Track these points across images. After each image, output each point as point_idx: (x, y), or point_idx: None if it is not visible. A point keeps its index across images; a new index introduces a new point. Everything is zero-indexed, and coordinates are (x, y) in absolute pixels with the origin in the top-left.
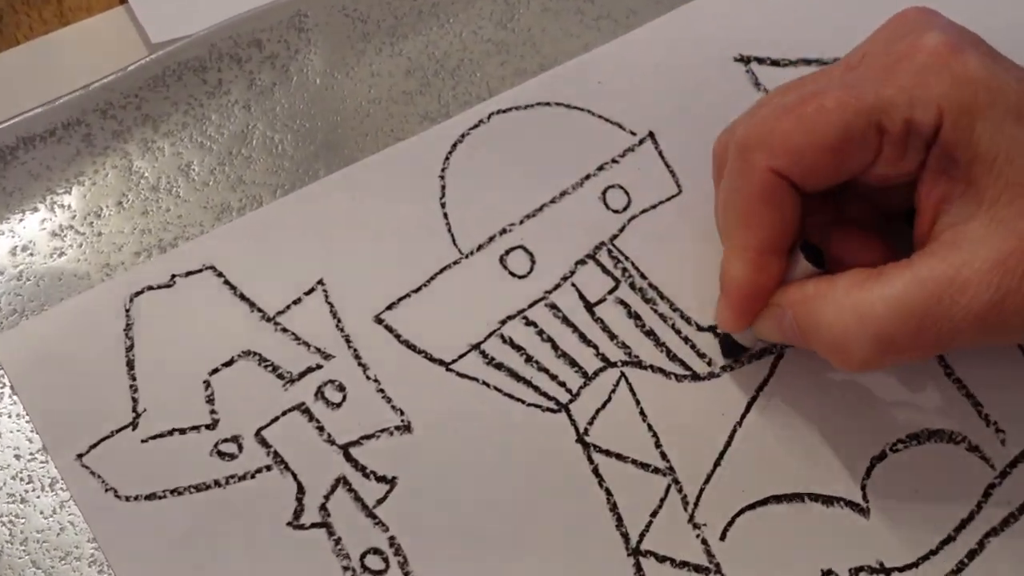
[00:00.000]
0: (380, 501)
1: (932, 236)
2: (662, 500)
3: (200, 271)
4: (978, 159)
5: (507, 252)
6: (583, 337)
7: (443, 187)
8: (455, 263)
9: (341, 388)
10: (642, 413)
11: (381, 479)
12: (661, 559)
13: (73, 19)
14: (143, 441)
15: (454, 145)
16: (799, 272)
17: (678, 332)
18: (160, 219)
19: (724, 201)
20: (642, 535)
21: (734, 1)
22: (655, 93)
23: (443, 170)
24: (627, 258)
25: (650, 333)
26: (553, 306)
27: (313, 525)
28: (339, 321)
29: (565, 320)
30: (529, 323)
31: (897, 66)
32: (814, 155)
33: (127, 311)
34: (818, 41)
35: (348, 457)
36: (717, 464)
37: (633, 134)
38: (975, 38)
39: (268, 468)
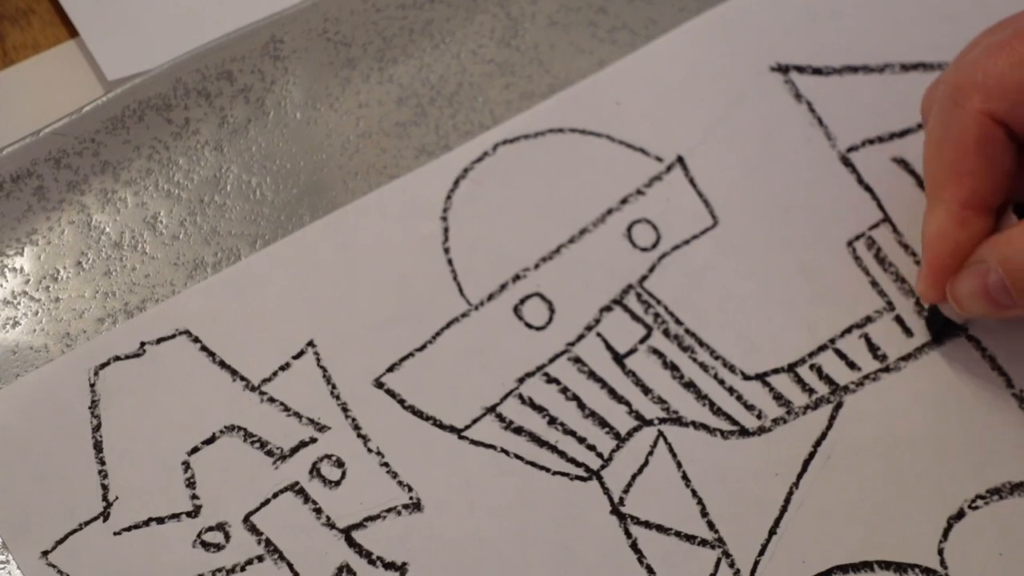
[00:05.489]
0: None
1: None
2: None
3: (173, 337)
4: None
5: (522, 301)
6: (613, 393)
7: (445, 230)
8: (463, 316)
9: (339, 463)
10: (684, 477)
11: (389, 566)
12: None
13: (18, 58)
14: (116, 533)
15: (456, 181)
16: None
17: (721, 382)
18: (125, 280)
19: (931, 150)
20: None
21: (767, 3)
22: (682, 112)
23: (445, 210)
24: (659, 302)
25: (689, 385)
26: (577, 360)
27: None
28: (334, 387)
29: (592, 375)
30: (551, 380)
31: None
32: None
33: (92, 386)
34: (865, 44)
35: (351, 542)
36: (772, 533)
37: (659, 160)
38: None
39: (260, 559)
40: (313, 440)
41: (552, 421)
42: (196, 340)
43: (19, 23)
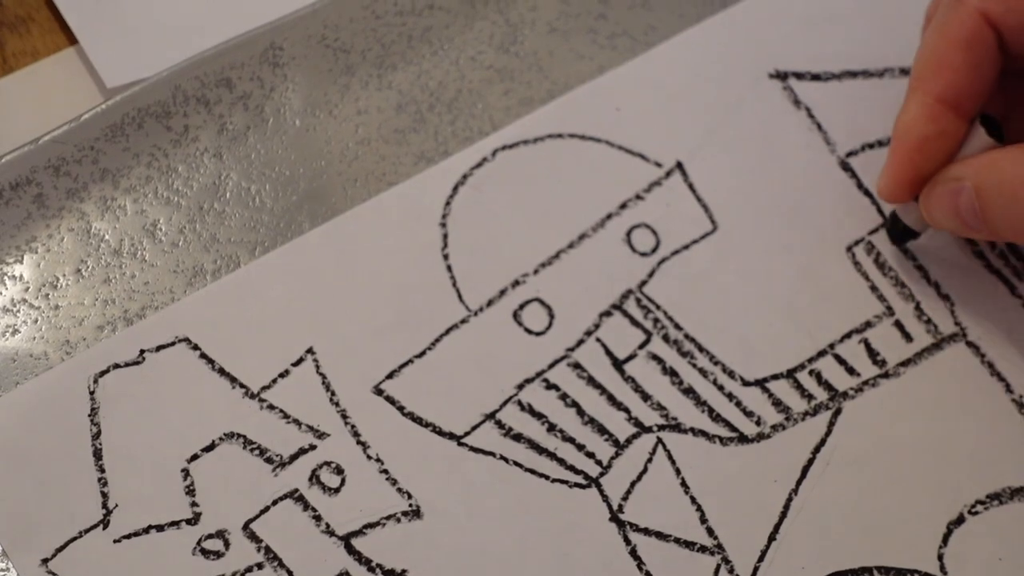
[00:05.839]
0: None
1: None
2: None
3: (172, 344)
4: None
5: (521, 307)
6: (612, 399)
7: (445, 236)
8: (462, 322)
9: (339, 471)
10: (684, 484)
11: (389, 573)
12: None
13: (17, 65)
14: (116, 541)
15: (455, 188)
16: (975, 147)
17: (721, 389)
18: (125, 287)
19: (923, 45)
20: None
21: (767, 10)
22: (681, 118)
23: (444, 217)
24: (659, 307)
25: (689, 391)
26: (577, 365)
27: None
28: (333, 394)
29: (591, 381)
30: (550, 386)
31: None
32: None
33: (91, 393)
34: (863, 50)
35: (350, 549)
36: (772, 539)
37: (659, 165)
38: None
39: (260, 566)
40: (312, 447)
41: (551, 428)
42: (195, 347)
43: (18, 30)
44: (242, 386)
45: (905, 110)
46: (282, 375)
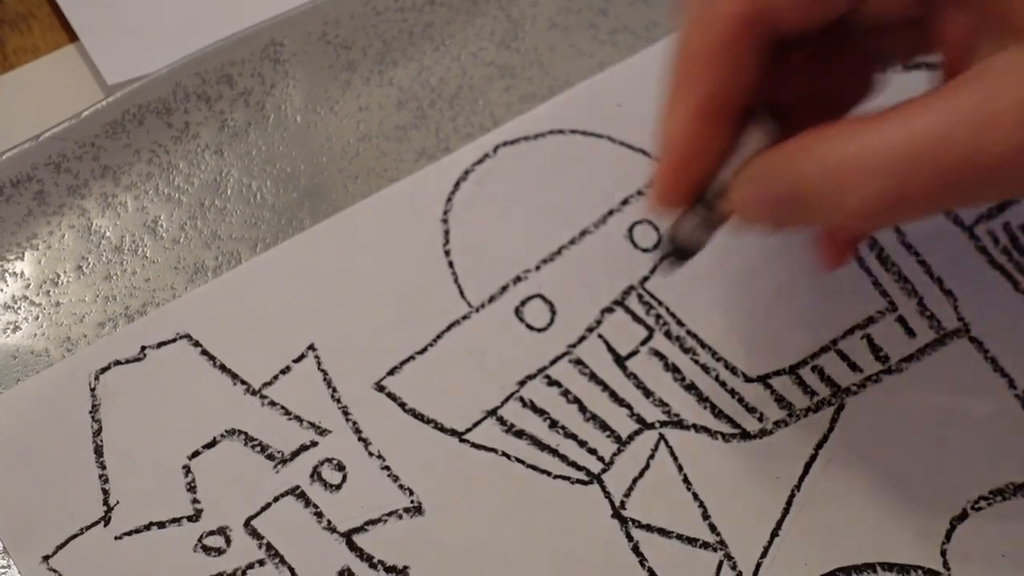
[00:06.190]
0: None
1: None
2: None
3: (174, 341)
4: None
5: (523, 303)
6: (614, 396)
7: (446, 232)
8: (464, 318)
9: (340, 467)
10: (686, 480)
11: (391, 569)
12: None
13: (18, 62)
14: (117, 538)
15: (456, 184)
16: (755, 140)
17: (723, 385)
18: (126, 284)
19: (678, 50)
20: None
21: None
22: None
23: (445, 213)
24: (660, 303)
25: (691, 387)
26: (579, 362)
27: None
28: (334, 391)
29: (593, 377)
30: (552, 383)
31: None
32: None
33: (92, 390)
34: None
35: (352, 546)
36: (774, 535)
37: None
38: None
39: (261, 563)
40: (314, 444)
41: (553, 424)
42: (197, 344)
43: (19, 27)
44: (243, 383)
45: (669, 118)
46: (283, 371)
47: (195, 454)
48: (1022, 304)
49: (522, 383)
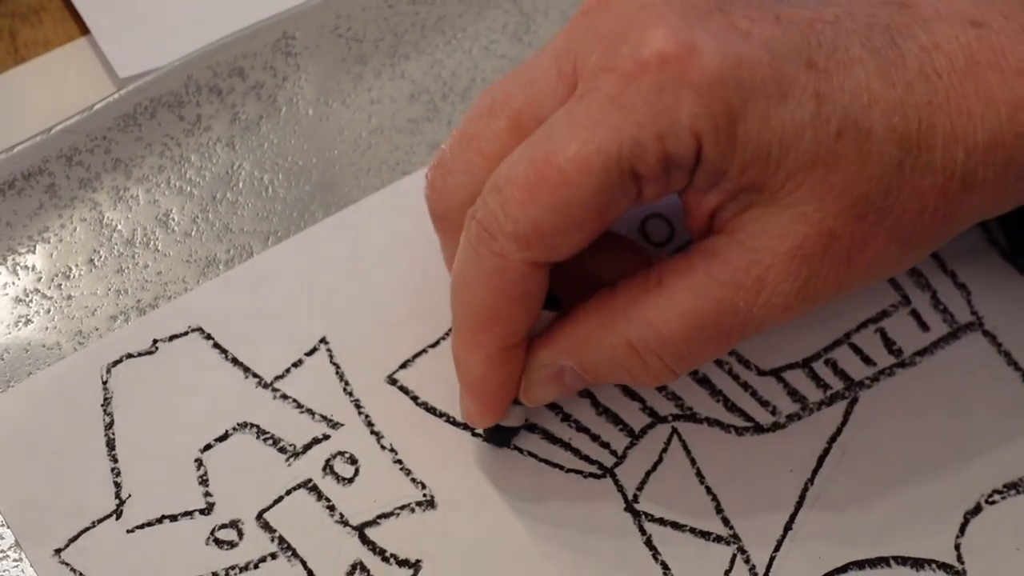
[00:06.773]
0: None
1: (711, 229)
2: (727, 573)
3: (185, 334)
4: (750, 163)
5: None
6: (627, 389)
7: None
8: None
9: (352, 460)
10: (699, 474)
11: (403, 563)
12: None
13: (29, 55)
14: (129, 531)
15: None
16: (538, 327)
17: (736, 378)
18: (137, 277)
19: (465, 296)
20: None
21: None
22: None
23: None
24: None
25: (703, 381)
26: None
27: None
28: (347, 384)
29: None
30: None
31: (625, 91)
32: (570, 233)
33: (104, 383)
34: None
35: (364, 539)
36: (788, 529)
37: None
38: (702, 7)
39: (273, 556)
40: (326, 437)
41: (566, 418)
42: (208, 337)
43: (30, 20)
44: (255, 376)
45: (471, 362)
46: (295, 365)
47: (207, 447)
48: None
49: None
